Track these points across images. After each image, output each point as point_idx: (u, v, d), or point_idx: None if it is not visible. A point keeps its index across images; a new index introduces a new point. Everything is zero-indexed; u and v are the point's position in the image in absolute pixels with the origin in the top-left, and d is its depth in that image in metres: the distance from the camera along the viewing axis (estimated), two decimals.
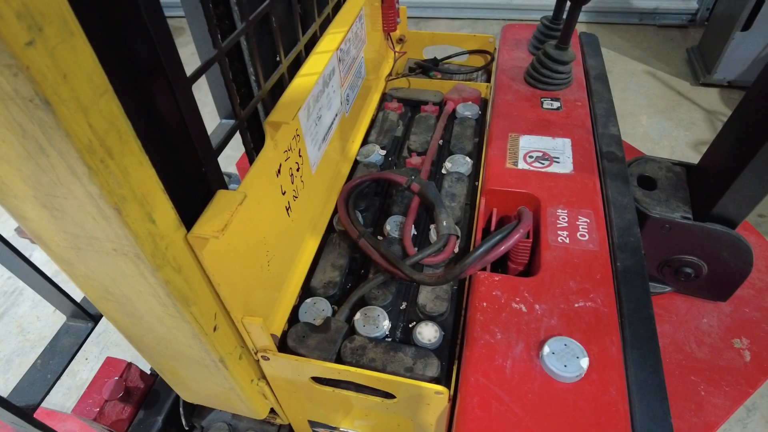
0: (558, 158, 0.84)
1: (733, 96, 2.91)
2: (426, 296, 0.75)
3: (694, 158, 2.51)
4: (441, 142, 1.07)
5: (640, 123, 2.77)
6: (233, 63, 0.76)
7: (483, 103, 1.16)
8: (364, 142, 1.06)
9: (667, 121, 2.77)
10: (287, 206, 0.70)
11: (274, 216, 0.67)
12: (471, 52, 1.30)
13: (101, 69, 0.35)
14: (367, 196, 0.94)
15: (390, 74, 1.24)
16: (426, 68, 1.28)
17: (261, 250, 0.63)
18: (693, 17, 3.50)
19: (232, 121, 0.71)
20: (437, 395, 0.61)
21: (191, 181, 0.53)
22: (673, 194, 0.87)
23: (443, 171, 0.99)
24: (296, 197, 0.73)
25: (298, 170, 0.73)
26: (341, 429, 0.82)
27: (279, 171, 0.66)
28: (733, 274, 0.87)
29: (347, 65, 0.92)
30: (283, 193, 0.69)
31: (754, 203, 0.79)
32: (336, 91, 0.87)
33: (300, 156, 0.73)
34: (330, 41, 0.79)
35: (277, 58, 0.68)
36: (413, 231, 0.86)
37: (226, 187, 0.57)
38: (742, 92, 2.90)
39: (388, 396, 0.66)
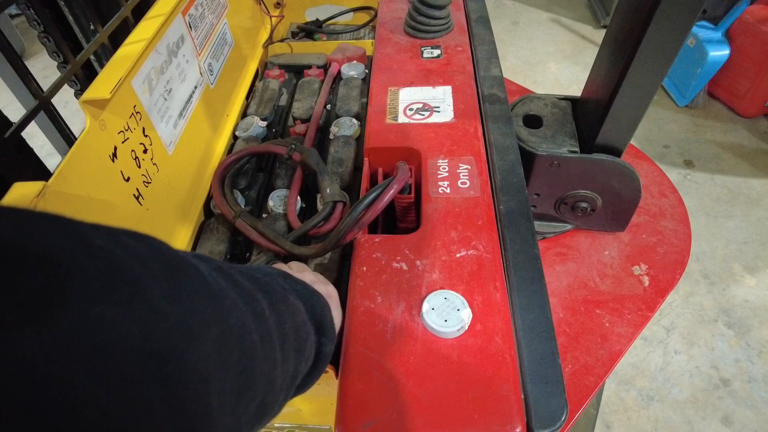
0: (438, 107, 0.80)
1: None
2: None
3: None
4: (328, 106, 1.01)
5: (549, 70, 2.81)
6: (51, 30, 0.66)
7: (369, 61, 1.10)
8: (243, 115, 0.97)
9: (575, 65, 2.83)
10: (136, 194, 0.62)
11: (118, 207, 0.59)
12: (354, 10, 1.23)
13: None
14: (249, 173, 0.86)
15: (269, 40, 1.15)
16: (309, 31, 1.20)
17: None
18: None
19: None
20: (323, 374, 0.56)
21: None
22: (559, 130, 0.85)
23: (330, 136, 0.93)
24: (149, 183, 0.65)
25: (145, 152, 0.64)
26: None
27: (114, 155, 0.58)
28: (626, 203, 0.88)
29: (202, 32, 0.83)
30: (127, 180, 0.60)
31: (632, 128, 0.79)
32: (191, 62, 0.78)
33: (146, 136, 0.64)
34: (166, 3, 0.69)
35: (91, 26, 0.58)
36: (299, 204, 0.80)
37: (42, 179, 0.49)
38: None
39: None
